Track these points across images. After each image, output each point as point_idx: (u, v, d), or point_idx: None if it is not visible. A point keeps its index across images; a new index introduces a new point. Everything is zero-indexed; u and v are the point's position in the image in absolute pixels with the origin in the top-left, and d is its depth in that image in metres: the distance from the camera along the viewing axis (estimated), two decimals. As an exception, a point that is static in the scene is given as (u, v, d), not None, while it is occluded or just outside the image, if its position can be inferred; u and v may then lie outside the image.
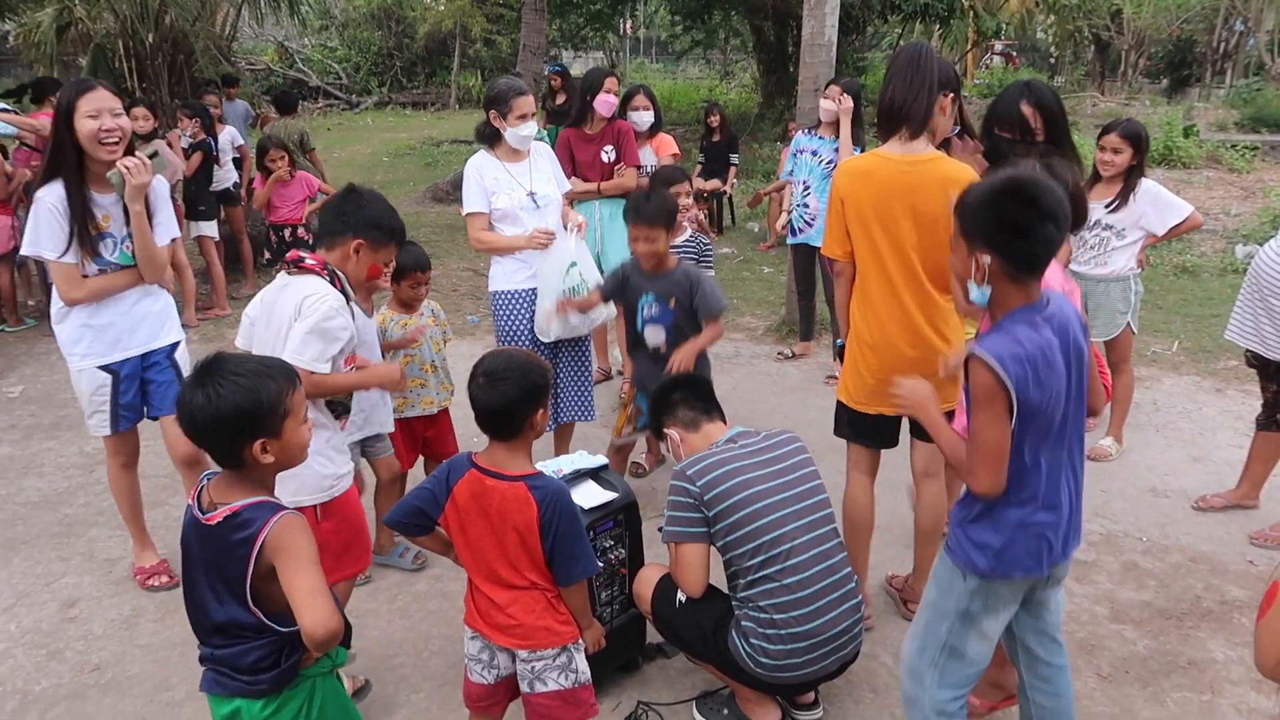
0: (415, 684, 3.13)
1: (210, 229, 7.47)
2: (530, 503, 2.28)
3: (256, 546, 1.81)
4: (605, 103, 5.11)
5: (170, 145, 7.18)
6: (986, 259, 2.11)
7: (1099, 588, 3.69)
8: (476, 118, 5.25)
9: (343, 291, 2.74)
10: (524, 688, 2.45)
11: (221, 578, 1.86)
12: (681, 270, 3.88)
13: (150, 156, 3.29)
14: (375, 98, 24.25)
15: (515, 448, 2.36)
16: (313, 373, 2.60)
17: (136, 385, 3.54)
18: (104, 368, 3.44)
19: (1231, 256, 8.63)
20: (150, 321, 3.52)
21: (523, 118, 4.06)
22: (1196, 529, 4.14)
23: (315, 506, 2.74)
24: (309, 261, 2.72)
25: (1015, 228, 2.07)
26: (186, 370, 3.64)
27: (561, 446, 4.38)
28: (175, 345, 3.61)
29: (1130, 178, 4.50)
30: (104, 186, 3.27)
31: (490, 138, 4.17)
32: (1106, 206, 4.53)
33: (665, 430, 3.02)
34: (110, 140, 3.18)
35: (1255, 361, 4.06)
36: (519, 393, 2.31)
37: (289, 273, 2.74)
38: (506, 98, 4.05)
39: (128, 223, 3.32)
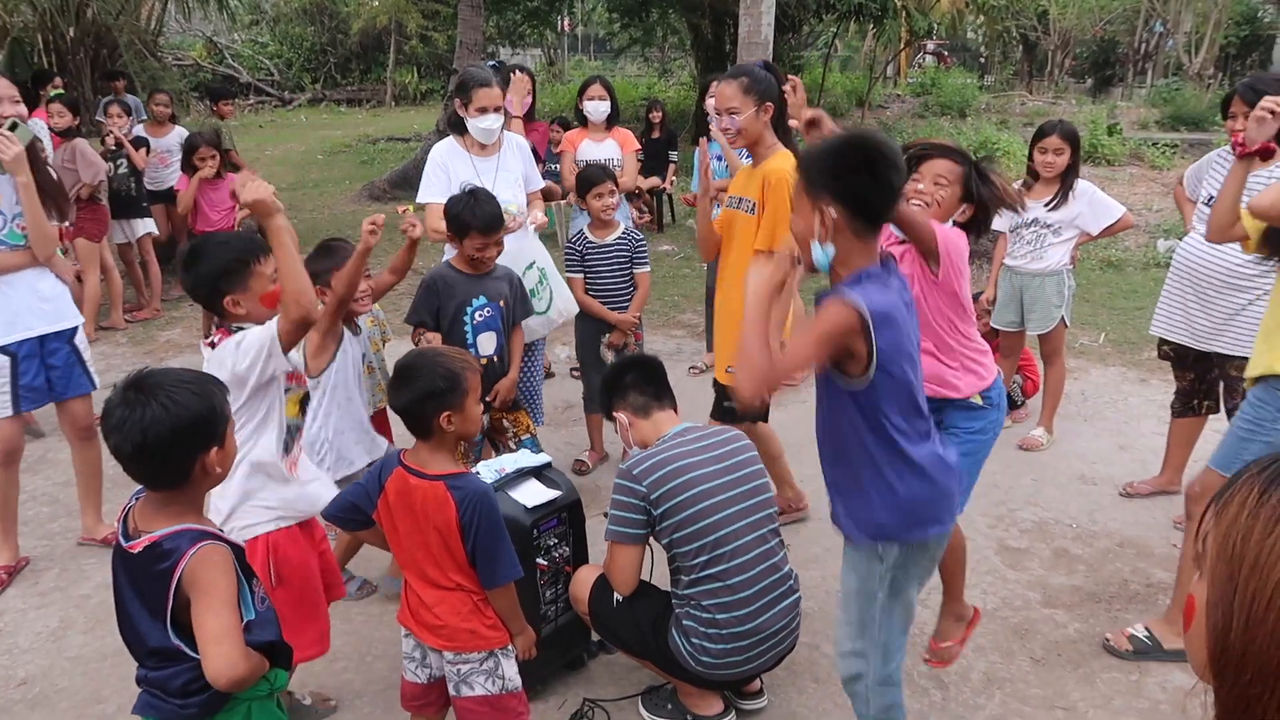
0: (358, 689, 3.09)
1: (150, 226, 7.25)
2: (449, 503, 2.26)
3: (174, 579, 1.77)
4: (510, 104, 4.92)
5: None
6: (832, 211, 2.08)
7: (1031, 574, 3.79)
8: (413, 115, 5.11)
9: None
10: (451, 690, 2.44)
11: (146, 604, 1.83)
12: (503, 268, 3.74)
13: (10, 128, 3.29)
14: (309, 94, 23.77)
15: (436, 447, 2.35)
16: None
17: (37, 366, 3.57)
18: (1, 349, 3.48)
19: (1154, 251, 8.92)
20: (48, 304, 3.58)
21: (482, 110, 3.87)
22: (1123, 515, 4.27)
23: (270, 572, 2.55)
24: (217, 339, 2.53)
25: (858, 175, 2.07)
26: (87, 355, 3.76)
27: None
28: (74, 330, 3.68)
29: (1067, 177, 4.64)
30: None
31: (457, 125, 4.02)
32: (1045, 205, 4.66)
33: (614, 414, 3.00)
34: None
35: (1171, 353, 4.19)
36: (418, 394, 2.29)
37: (208, 346, 2.58)
38: (468, 86, 3.92)
39: (18, 201, 3.38)
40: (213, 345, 2.56)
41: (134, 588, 1.85)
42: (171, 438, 1.76)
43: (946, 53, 28.58)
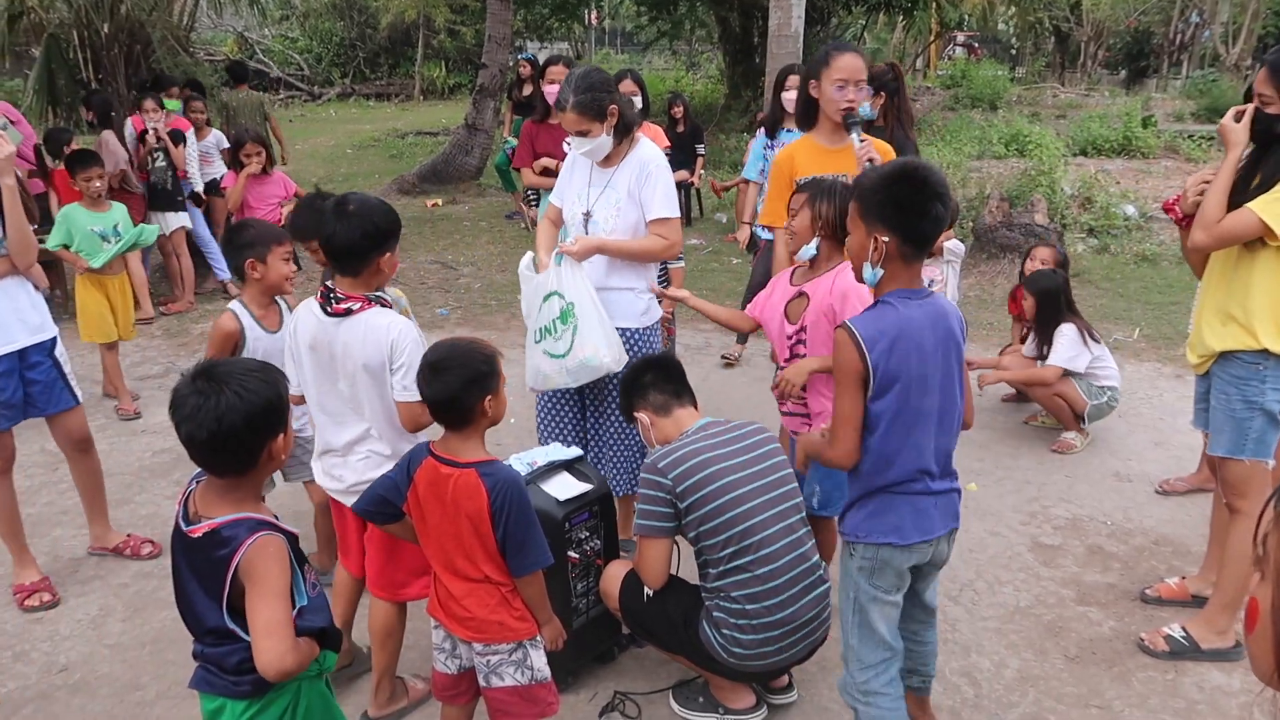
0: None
1: (184, 220, 7.37)
2: (480, 490, 2.27)
3: (232, 567, 1.81)
4: (550, 93, 4.98)
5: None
6: (885, 239, 2.25)
7: (1065, 571, 3.75)
8: (441, 109, 5.08)
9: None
10: (481, 681, 2.45)
11: (205, 587, 1.87)
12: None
13: (2, 128, 3.22)
14: (338, 89, 23.97)
15: (469, 435, 2.35)
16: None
17: (15, 382, 3.43)
18: None
19: (1189, 245, 8.80)
20: (27, 315, 3.44)
21: (569, 132, 3.37)
22: (1159, 512, 4.22)
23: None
24: (354, 305, 2.62)
25: (912, 209, 2.24)
26: (68, 368, 3.60)
27: (624, 523, 3.62)
28: (54, 341, 3.53)
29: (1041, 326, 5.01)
30: None
31: None
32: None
33: (635, 414, 3.00)
34: None
35: None
36: (462, 382, 2.29)
37: (330, 312, 2.64)
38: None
39: None
40: (348, 311, 2.60)
41: (192, 570, 1.89)
42: (245, 424, 1.81)
43: (977, 44, 28.30)
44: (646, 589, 2.84)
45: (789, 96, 5.46)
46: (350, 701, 2.97)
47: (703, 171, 10.33)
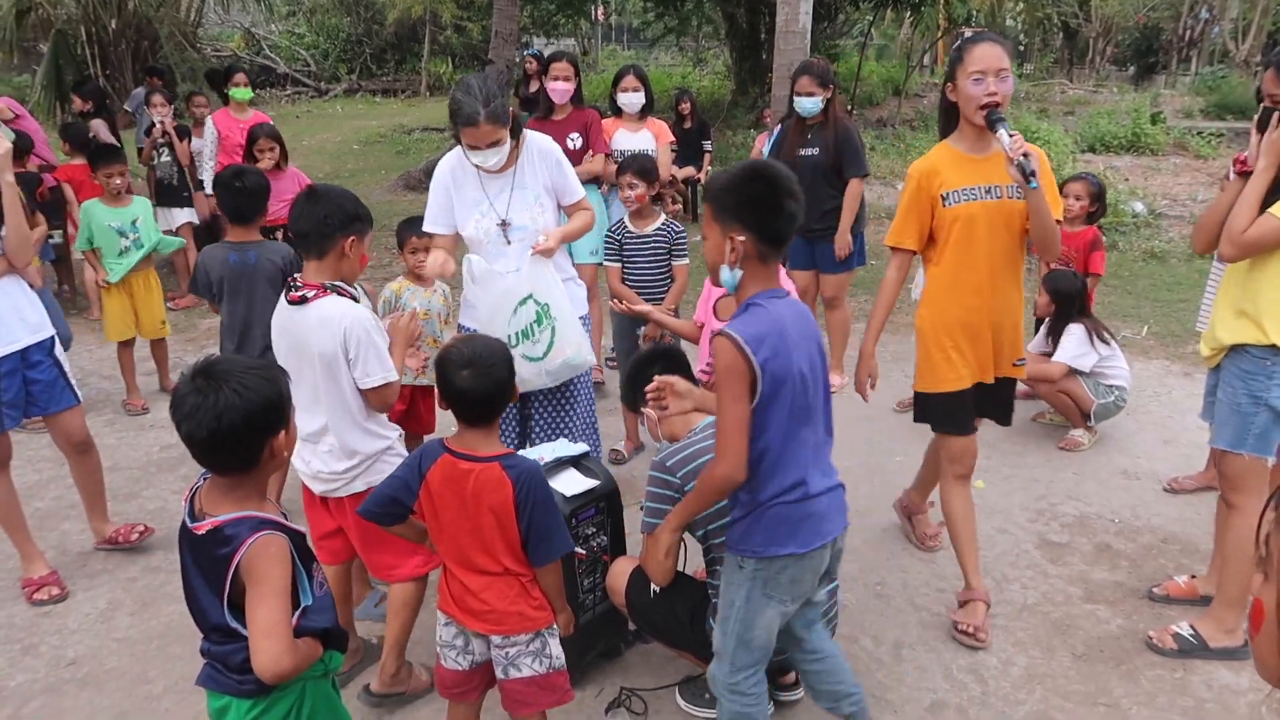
0: (397, 674, 3.12)
1: (191, 215, 7.38)
2: (505, 482, 2.26)
3: (233, 566, 1.81)
4: (554, 90, 5.00)
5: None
6: (742, 239, 2.23)
7: (1072, 569, 3.74)
8: (447, 105, 5.08)
9: (352, 298, 2.75)
10: (498, 673, 2.45)
11: (208, 584, 1.87)
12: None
13: None
14: (344, 85, 23.94)
15: (490, 430, 2.36)
16: (389, 381, 2.70)
17: (19, 382, 3.43)
18: None
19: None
20: (26, 314, 3.44)
21: (474, 148, 3.15)
22: (1167, 510, 4.21)
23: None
24: (309, 294, 2.66)
25: (766, 206, 2.23)
26: (68, 367, 3.61)
27: None
28: (52, 340, 3.54)
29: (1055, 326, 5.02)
30: None
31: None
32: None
33: (643, 409, 2.99)
34: None
35: None
36: (505, 375, 2.31)
37: (289, 300, 2.69)
38: (455, 120, 3.14)
39: None
40: (304, 299, 2.64)
41: (197, 567, 1.89)
42: (245, 423, 1.80)
43: (985, 41, 28.11)
44: (653, 586, 2.84)
45: None
46: (356, 698, 2.97)
47: (710, 168, 10.30)
